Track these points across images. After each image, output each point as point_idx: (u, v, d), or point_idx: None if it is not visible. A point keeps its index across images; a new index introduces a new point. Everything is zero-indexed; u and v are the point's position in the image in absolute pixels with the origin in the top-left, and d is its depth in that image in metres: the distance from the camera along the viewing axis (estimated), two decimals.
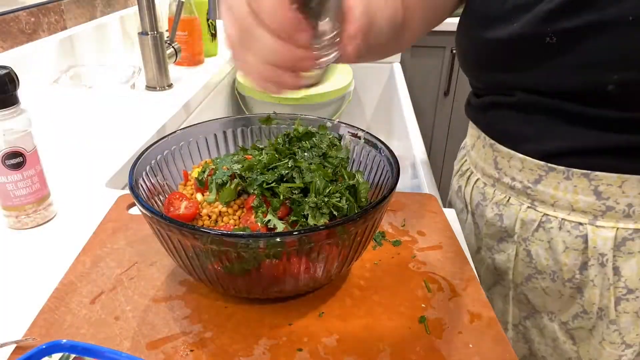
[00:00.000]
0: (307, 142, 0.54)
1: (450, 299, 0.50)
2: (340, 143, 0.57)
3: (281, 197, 0.46)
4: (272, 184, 0.47)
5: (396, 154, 0.52)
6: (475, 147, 0.70)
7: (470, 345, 0.44)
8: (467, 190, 0.72)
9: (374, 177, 0.54)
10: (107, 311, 0.47)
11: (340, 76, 1.30)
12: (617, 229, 0.57)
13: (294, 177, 0.48)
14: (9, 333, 0.45)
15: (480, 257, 0.72)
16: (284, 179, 0.48)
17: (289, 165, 0.48)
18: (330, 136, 0.57)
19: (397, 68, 1.38)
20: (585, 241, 0.58)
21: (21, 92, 0.57)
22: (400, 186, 0.50)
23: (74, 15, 1.06)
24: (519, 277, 0.66)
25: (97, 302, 0.48)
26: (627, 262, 0.57)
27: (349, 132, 0.58)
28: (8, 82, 0.54)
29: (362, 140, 0.57)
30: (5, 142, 0.56)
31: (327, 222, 0.46)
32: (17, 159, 0.57)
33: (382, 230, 0.60)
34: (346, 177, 0.51)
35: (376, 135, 0.56)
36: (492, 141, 0.64)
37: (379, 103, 1.49)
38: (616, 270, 0.58)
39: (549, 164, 0.58)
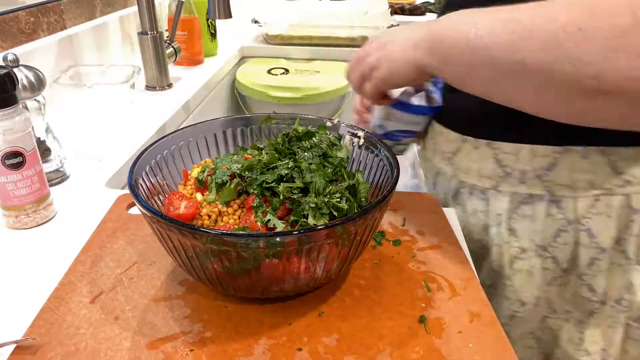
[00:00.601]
0: (307, 141, 0.54)
1: (450, 298, 0.50)
2: (340, 143, 0.57)
3: (281, 197, 0.46)
4: (272, 184, 0.47)
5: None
6: (461, 151, 0.70)
7: (470, 345, 0.44)
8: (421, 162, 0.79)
9: (374, 177, 0.54)
10: (107, 311, 0.47)
11: (340, 76, 1.30)
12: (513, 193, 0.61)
13: (294, 177, 0.48)
14: (9, 333, 0.45)
15: None
16: (284, 179, 0.48)
17: (289, 166, 0.48)
18: (330, 136, 0.57)
19: None
20: (488, 205, 0.64)
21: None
22: (400, 186, 0.50)
23: (73, 15, 1.06)
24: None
25: (97, 302, 0.48)
26: (522, 224, 0.62)
27: (349, 132, 0.58)
28: (8, 82, 0.54)
29: (362, 140, 0.57)
30: (5, 142, 0.56)
31: (327, 222, 0.46)
32: (17, 159, 0.57)
33: (382, 230, 0.60)
34: (346, 177, 0.51)
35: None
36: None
37: None
38: (512, 232, 0.63)
39: (463, 136, 0.64)
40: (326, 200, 0.46)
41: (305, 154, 0.52)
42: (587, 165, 0.57)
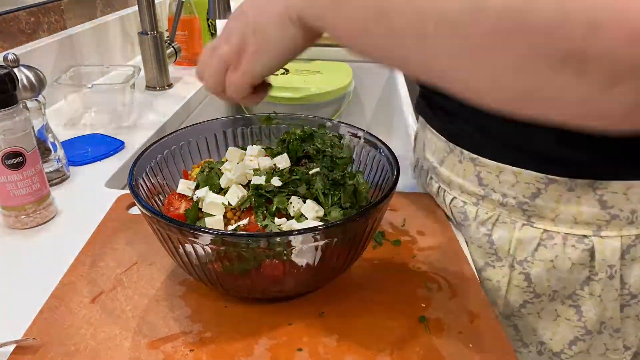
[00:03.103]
0: (310, 145, 0.54)
1: (450, 299, 0.50)
2: (341, 142, 0.57)
3: (274, 209, 0.47)
4: (268, 194, 0.47)
5: (396, 154, 0.52)
6: (445, 163, 0.61)
7: (470, 345, 0.44)
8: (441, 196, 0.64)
9: (374, 177, 0.54)
10: (107, 311, 0.47)
11: (340, 76, 1.30)
12: (622, 236, 0.53)
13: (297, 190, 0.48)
14: (9, 333, 0.45)
15: None
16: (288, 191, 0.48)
17: (302, 192, 0.48)
18: (330, 135, 0.57)
19: None
20: (592, 254, 0.54)
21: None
22: (400, 186, 0.50)
23: (74, 15, 1.06)
24: (511, 305, 0.59)
25: (97, 302, 0.48)
26: (630, 268, 0.54)
27: (349, 132, 0.58)
28: (8, 82, 0.54)
29: (362, 140, 0.57)
30: (5, 141, 0.56)
31: (328, 222, 0.46)
32: (17, 159, 0.57)
33: (382, 230, 0.59)
34: (346, 178, 0.51)
35: (376, 135, 0.56)
36: (473, 155, 0.56)
37: (379, 103, 1.49)
38: (621, 279, 0.55)
39: (549, 176, 0.52)
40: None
41: (317, 173, 0.51)
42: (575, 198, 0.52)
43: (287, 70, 1.32)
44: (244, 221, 0.46)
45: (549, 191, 0.53)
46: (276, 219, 0.46)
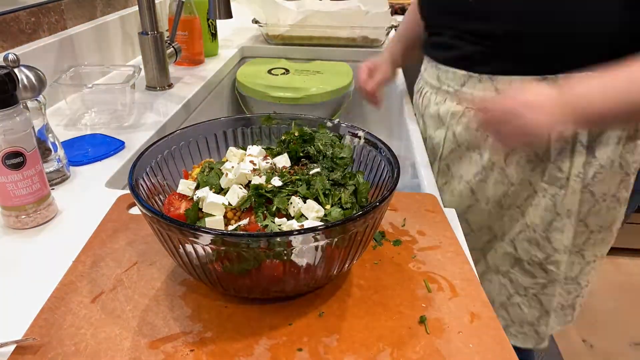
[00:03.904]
0: (310, 145, 0.54)
1: (450, 299, 0.50)
2: (341, 142, 0.57)
3: (274, 209, 0.46)
4: (268, 194, 0.47)
5: (396, 154, 0.52)
6: (426, 70, 0.97)
7: (470, 345, 0.44)
8: (419, 100, 1.00)
9: (374, 177, 0.54)
10: (107, 311, 0.47)
11: (340, 76, 1.30)
12: None
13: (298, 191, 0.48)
14: (9, 333, 0.45)
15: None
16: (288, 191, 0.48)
17: (302, 192, 0.48)
18: (330, 135, 0.57)
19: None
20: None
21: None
22: (400, 186, 0.50)
23: (74, 15, 1.06)
24: (444, 154, 0.93)
25: (97, 302, 0.48)
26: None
27: (349, 132, 0.58)
28: (8, 82, 0.54)
29: (362, 140, 0.57)
30: (6, 141, 0.56)
31: (328, 222, 0.46)
32: (17, 159, 0.57)
33: (382, 230, 0.60)
34: (347, 178, 0.51)
35: (376, 136, 0.56)
36: (435, 62, 0.91)
37: None
38: None
39: (469, 72, 0.83)
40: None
41: (317, 176, 0.51)
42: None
43: (287, 70, 1.32)
44: (244, 221, 0.46)
45: (469, 83, 0.84)
46: (276, 219, 0.46)
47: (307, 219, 0.46)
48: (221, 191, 0.50)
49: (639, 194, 0.91)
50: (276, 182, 0.48)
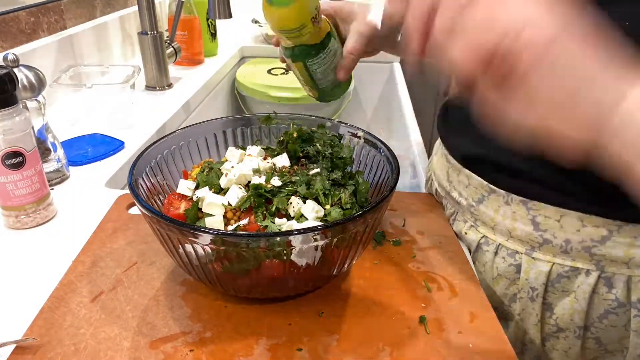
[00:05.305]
0: (310, 146, 0.54)
1: (450, 299, 0.50)
2: (341, 142, 0.57)
3: (276, 207, 0.46)
4: (267, 194, 0.47)
5: (396, 154, 0.52)
6: (437, 153, 0.68)
7: (470, 345, 0.44)
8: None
9: (374, 177, 0.54)
10: (107, 311, 0.47)
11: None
12: (553, 263, 0.53)
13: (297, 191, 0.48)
14: (9, 333, 0.45)
15: None
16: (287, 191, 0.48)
17: (302, 193, 0.48)
18: (330, 135, 0.57)
19: (397, 67, 1.38)
20: (518, 271, 0.55)
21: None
22: (400, 186, 0.50)
23: (73, 15, 1.06)
24: None
25: (97, 302, 0.48)
26: (559, 299, 0.54)
27: (348, 132, 0.58)
28: (8, 82, 0.54)
29: (362, 140, 0.57)
30: (5, 142, 0.56)
31: (328, 222, 0.46)
32: (17, 159, 0.57)
33: (382, 230, 0.59)
34: (346, 178, 0.51)
35: (376, 135, 0.56)
36: (446, 152, 0.62)
37: (379, 103, 1.49)
38: (547, 307, 0.55)
39: (491, 185, 0.55)
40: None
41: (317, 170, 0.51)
42: None
43: (287, 70, 1.32)
44: (244, 221, 0.46)
45: (490, 199, 0.56)
46: (276, 219, 0.46)
47: (306, 219, 0.46)
48: (221, 191, 0.50)
49: None
50: (276, 182, 0.48)
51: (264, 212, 0.47)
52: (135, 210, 0.63)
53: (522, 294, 0.55)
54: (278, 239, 0.40)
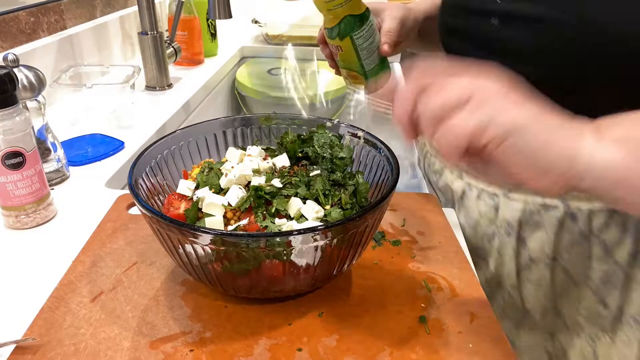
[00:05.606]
0: (309, 147, 0.54)
1: (450, 298, 0.50)
2: (341, 142, 0.57)
3: (274, 210, 0.46)
4: (267, 195, 0.47)
5: (396, 154, 0.52)
6: None
7: (470, 345, 0.44)
8: (422, 161, 0.80)
9: (374, 177, 0.54)
10: (106, 311, 0.47)
11: (340, 76, 1.30)
12: (526, 202, 0.60)
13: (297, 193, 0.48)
14: (9, 333, 0.45)
15: None
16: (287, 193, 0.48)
17: (302, 194, 0.48)
18: (330, 135, 0.57)
19: (397, 67, 1.39)
20: (497, 210, 0.63)
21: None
22: (400, 186, 0.50)
23: (73, 15, 1.06)
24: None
25: (97, 302, 0.48)
26: (532, 232, 0.61)
27: (348, 132, 0.58)
28: (8, 82, 0.54)
29: (362, 140, 0.57)
30: (5, 141, 0.56)
31: (327, 222, 0.46)
32: (17, 159, 0.57)
33: (382, 230, 0.59)
34: (346, 178, 0.51)
35: (376, 136, 0.56)
36: None
37: None
38: (522, 241, 0.62)
39: None
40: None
41: (318, 176, 0.51)
42: None
43: (287, 70, 1.32)
44: (244, 221, 0.46)
45: None
46: (276, 220, 0.46)
47: (306, 219, 0.46)
48: (221, 191, 0.50)
49: None
50: (276, 183, 0.48)
51: (264, 212, 0.47)
52: (135, 210, 0.63)
53: (500, 230, 0.63)
54: (278, 239, 0.40)
